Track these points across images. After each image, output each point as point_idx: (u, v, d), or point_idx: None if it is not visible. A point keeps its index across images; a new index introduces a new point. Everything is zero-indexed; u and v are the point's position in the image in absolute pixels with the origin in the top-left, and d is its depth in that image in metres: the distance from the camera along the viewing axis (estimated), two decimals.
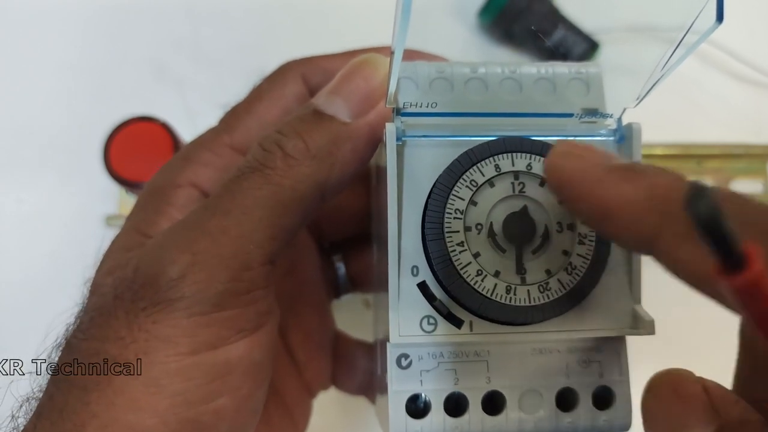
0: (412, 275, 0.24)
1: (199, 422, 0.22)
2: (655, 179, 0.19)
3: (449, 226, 0.23)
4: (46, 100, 0.47)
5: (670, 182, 0.19)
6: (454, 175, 0.24)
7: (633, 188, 0.19)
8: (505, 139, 0.24)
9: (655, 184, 0.19)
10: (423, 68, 0.25)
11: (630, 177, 0.19)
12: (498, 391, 0.24)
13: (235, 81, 0.29)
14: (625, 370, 0.25)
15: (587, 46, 0.46)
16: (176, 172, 0.27)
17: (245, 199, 0.23)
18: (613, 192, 0.19)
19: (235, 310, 0.23)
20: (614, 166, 0.20)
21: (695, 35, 0.21)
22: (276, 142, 0.24)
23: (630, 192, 0.19)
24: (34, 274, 0.43)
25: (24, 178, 0.45)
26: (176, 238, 0.23)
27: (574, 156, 0.21)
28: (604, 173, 0.20)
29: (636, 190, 0.19)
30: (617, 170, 0.20)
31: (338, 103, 0.25)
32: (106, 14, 0.48)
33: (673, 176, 0.19)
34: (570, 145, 0.21)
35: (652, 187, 0.19)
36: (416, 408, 0.24)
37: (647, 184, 0.19)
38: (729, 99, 0.49)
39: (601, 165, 0.20)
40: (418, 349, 0.24)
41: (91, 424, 0.21)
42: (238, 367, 0.23)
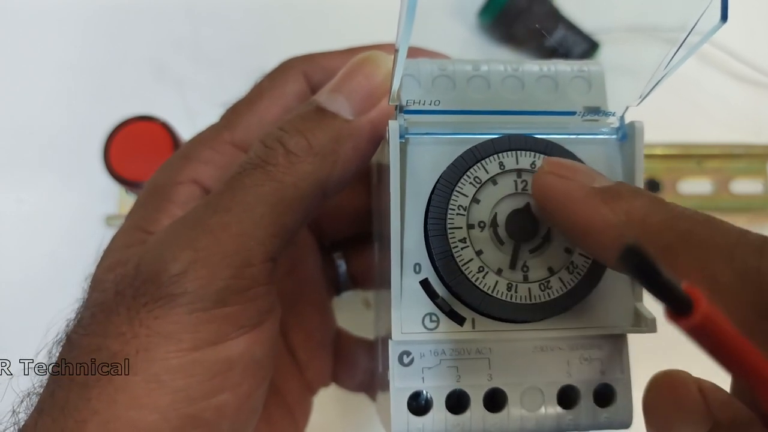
0: (414, 273, 0.24)
1: (200, 418, 0.22)
2: (632, 203, 0.20)
3: (452, 222, 0.23)
4: (46, 100, 0.47)
5: (647, 206, 0.20)
6: (458, 171, 0.24)
7: (611, 211, 0.20)
8: (509, 136, 0.24)
9: (633, 208, 0.20)
10: (425, 66, 0.25)
11: (609, 200, 0.20)
12: (500, 388, 0.24)
13: (235, 81, 0.29)
14: (626, 368, 0.25)
15: (587, 46, 0.46)
16: (177, 170, 0.27)
17: (247, 196, 0.23)
18: (593, 213, 0.21)
19: (236, 306, 0.23)
20: (596, 188, 0.21)
21: (698, 35, 0.21)
22: (278, 139, 0.24)
23: (609, 214, 0.20)
24: (34, 274, 0.43)
25: (24, 178, 0.45)
26: (178, 234, 0.23)
27: (558, 176, 0.22)
28: (585, 195, 0.21)
29: (614, 213, 0.20)
30: (598, 193, 0.21)
31: (340, 100, 0.25)
32: (106, 14, 0.48)
33: (650, 200, 0.20)
34: (555, 165, 0.22)
35: (630, 211, 0.20)
36: (418, 405, 0.24)
37: (625, 207, 0.20)
38: (729, 99, 0.49)
39: (583, 186, 0.21)
40: (420, 346, 0.24)
41: (92, 421, 0.21)
42: (239, 363, 0.23)
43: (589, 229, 0.21)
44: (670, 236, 0.19)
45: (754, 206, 0.46)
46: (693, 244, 0.19)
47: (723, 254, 0.18)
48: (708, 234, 0.19)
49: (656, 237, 0.19)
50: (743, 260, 0.18)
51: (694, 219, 0.19)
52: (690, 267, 0.18)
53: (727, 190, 0.46)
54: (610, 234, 0.20)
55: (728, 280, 0.18)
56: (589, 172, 0.22)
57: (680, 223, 0.19)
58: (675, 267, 0.18)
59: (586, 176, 0.22)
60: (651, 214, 0.20)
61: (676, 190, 0.46)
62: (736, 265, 0.18)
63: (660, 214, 0.20)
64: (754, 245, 0.18)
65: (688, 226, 0.19)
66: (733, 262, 0.18)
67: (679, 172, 0.46)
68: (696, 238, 0.19)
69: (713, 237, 0.19)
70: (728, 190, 0.46)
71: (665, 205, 0.20)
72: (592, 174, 0.22)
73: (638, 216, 0.20)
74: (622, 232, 0.20)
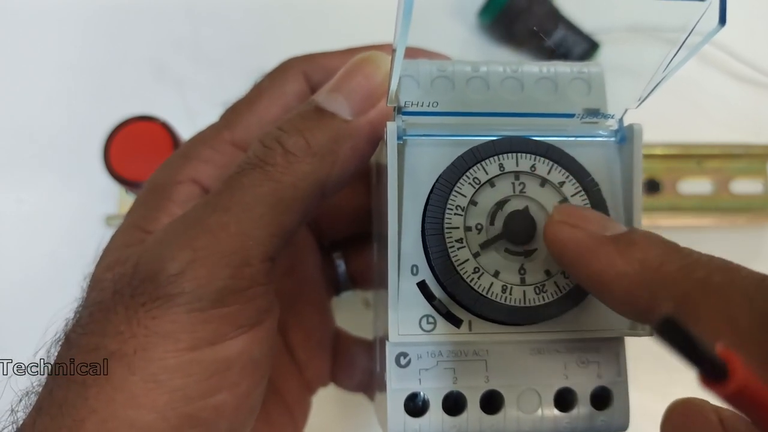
0: (411, 274, 0.24)
1: (198, 418, 0.22)
2: (646, 252, 0.20)
3: (449, 222, 0.23)
4: (46, 100, 0.47)
5: (662, 254, 0.20)
6: (457, 171, 0.24)
7: (625, 261, 0.20)
8: (511, 138, 0.24)
9: (647, 256, 0.20)
10: (424, 67, 0.25)
11: (623, 249, 0.20)
12: (496, 390, 0.24)
13: (235, 81, 0.29)
14: (623, 371, 0.25)
15: (587, 46, 0.46)
16: (176, 169, 0.27)
17: (245, 196, 0.23)
18: (606, 265, 0.20)
19: (234, 306, 0.23)
20: (608, 237, 0.21)
21: (698, 37, 0.21)
22: (277, 139, 0.24)
23: (622, 266, 0.20)
24: (34, 274, 0.43)
25: (24, 178, 0.45)
26: (176, 234, 0.23)
27: (569, 225, 0.21)
28: (598, 245, 0.20)
29: (629, 264, 0.20)
30: (611, 241, 0.20)
31: (339, 100, 0.25)
32: (106, 14, 0.48)
33: (665, 247, 0.20)
34: (566, 213, 0.22)
35: (644, 260, 0.20)
36: (415, 406, 0.24)
37: (639, 256, 0.20)
38: (729, 99, 0.49)
39: (595, 235, 0.21)
40: (417, 348, 0.24)
41: (90, 420, 0.21)
42: (237, 363, 0.23)
43: (603, 281, 0.20)
44: (687, 285, 0.19)
45: (754, 206, 0.46)
46: (711, 291, 0.18)
47: (742, 299, 0.17)
48: (726, 280, 0.18)
49: (673, 286, 0.19)
50: (765, 308, 0.17)
51: (711, 265, 0.19)
52: (710, 315, 0.18)
53: (727, 190, 0.46)
54: (624, 284, 0.20)
55: (749, 324, 0.17)
56: (600, 219, 0.22)
57: (697, 270, 0.19)
58: (695, 316, 0.18)
59: (598, 224, 0.21)
60: (666, 262, 0.19)
61: (676, 190, 0.45)
62: (756, 309, 0.17)
63: (675, 261, 0.19)
64: None
65: (705, 273, 0.19)
66: (753, 306, 0.17)
67: (679, 172, 0.46)
68: (714, 284, 0.18)
69: (732, 282, 0.18)
70: (728, 190, 0.46)
71: (680, 252, 0.20)
72: (604, 221, 0.22)
73: (653, 265, 0.19)
74: (637, 284, 0.19)
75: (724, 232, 0.46)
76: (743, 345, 0.17)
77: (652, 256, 0.20)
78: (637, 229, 0.21)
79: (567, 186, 0.24)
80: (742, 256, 0.19)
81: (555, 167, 0.24)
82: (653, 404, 0.23)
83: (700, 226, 0.45)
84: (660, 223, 0.44)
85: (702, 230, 0.45)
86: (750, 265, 0.19)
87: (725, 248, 0.48)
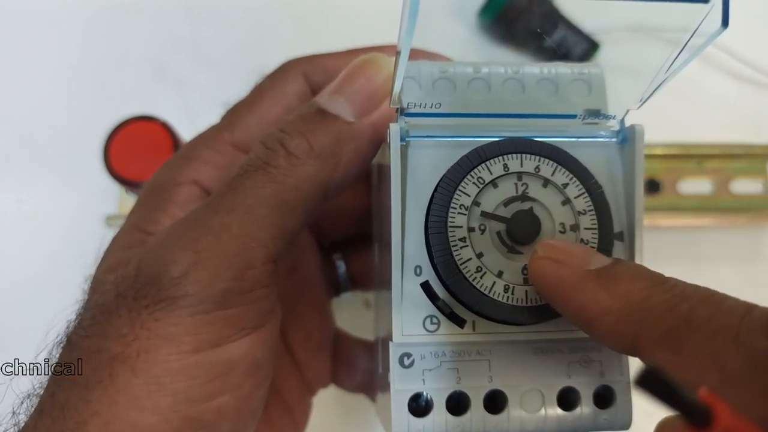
0: (415, 275, 0.24)
1: (200, 420, 0.22)
2: (630, 286, 0.19)
3: (452, 221, 0.23)
4: (46, 100, 0.47)
5: (646, 288, 0.19)
6: (462, 170, 0.24)
7: (609, 297, 0.19)
8: (515, 139, 0.24)
9: (630, 291, 0.19)
10: (426, 68, 0.25)
11: (606, 284, 0.20)
12: (500, 390, 0.24)
13: (235, 81, 0.29)
14: (625, 370, 0.25)
15: (587, 46, 0.46)
16: (177, 170, 0.27)
17: (248, 198, 0.23)
18: (590, 302, 0.20)
19: (237, 308, 0.23)
20: (592, 272, 0.20)
21: (700, 39, 0.21)
22: (279, 141, 0.24)
23: (607, 301, 0.19)
24: (34, 274, 0.43)
25: (24, 178, 0.45)
26: (179, 236, 0.23)
27: (553, 261, 0.21)
28: (581, 281, 0.20)
29: (612, 299, 0.19)
30: (594, 277, 0.20)
31: (341, 102, 0.25)
32: (106, 14, 0.48)
33: (650, 281, 0.19)
34: (549, 249, 0.22)
35: (628, 296, 0.19)
36: (418, 407, 0.24)
37: (622, 291, 0.19)
38: (729, 99, 0.49)
39: (578, 271, 0.20)
40: (421, 348, 0.24)
41: (92, 422, 0.21)
42: (239, 365, 0.23)
43: (588, 317, 0.20)
44: (671, 320, 0.18)
45: (754, 206, 0.46)
46: (695, 328, 0.18)
47: (728, 338, 0.17)
48: (710, 315, 0.18)
49: (657, 322, 0.18)
50: (750, 343, 0.17)
51: (695, 298, 0.18)
52: (696, 353, 0.17)
53: (727, 190, 0.46)
54: (609, 321, 0.19)
55: (737, 366, 0.17)
56: (584, 253, 0.21)
57: (681, 305, 0.18)
58: (681, 354, 0.18)
59: (582, 259, 0.21)
60: (650, 296, 0.19)
61: (676, 190, 0.46)
62: (743, 350, 0.17)
63: (659, 295, 0.19)
64: (759, 324, 0.17)
65: (689, 307, 0.18)
66: (739, 346, 0.17)
67: (679, 172, 0.46)
68: (698, 319, 0.18)
69: (716, 318, 0.18)
70: (728, 190, 0.46)
71: (664, 285, 0.19)
72: (588, 255, 0.21)
73: (637, 300, 0.19)
74: (621, 319, 0.19)
75: (724, 232, 0.46)
76: (730, 383, 0.17)
77: (635, 290, 0.19)
78: (621, 262, 0.21)
79: (570, 188, 0.24)
80: (742, 256, 0.19)
81: (559, 169, 0.24)
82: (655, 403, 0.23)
83: (700, 226, 0.45)
84: (660, 223, 0.44)
85: (702, 230, 0.46)
86: (750, 265, 0.19)
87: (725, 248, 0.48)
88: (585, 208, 0.24)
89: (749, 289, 0.21)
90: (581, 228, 0.24)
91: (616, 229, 0.25)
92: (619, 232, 0.25)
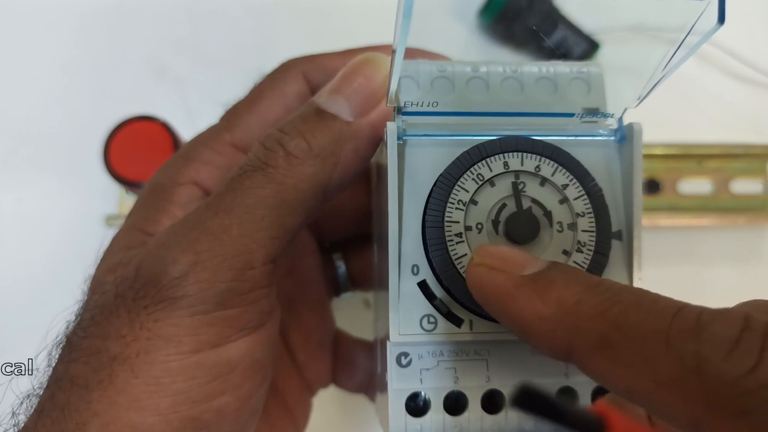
0: (412, 274, 0.24)
1: (200, 420, 0.22)
2: (563, 291, 0.19)
3: (450, 216, 0.23)
4: (46, 100, 0.47)
5: (579, 293, 0.19)
6: (461, 166, 0.24)
7: (543, 303, 0.19)
8: (517, 138, 0.24)
9: (563, 296, 0.19)
10: (424, 67, 0.25)
11: (540, 290, 0.19)
12: (497, 389, 0.24)
13: (235, 81, 0.29)
14: None
15: (587, 46, 0.46)
16: (177, 170, 0.27)
17: (247, 198, 0.23)
18: (524, 308, 0.19)
19: (237, 308, 0.23)
20: (526, 277, 0.20)
21: (697, 36, 0.21)
22: (278, 141, 0.24)
23: (540, 308, 0.19)
24: (34, 275, 0.43)
25: (24, 178, 0.45)
26: (178, 236, 0.23)
27: (488, 267, 0.21)
28: (515, 288, 0.20)
29: (545, 306, 0.19)
30: (529, 283, 0.20)
31: (340, 102, 0.25)
32: (106, 14, 0.48)
33: (584, 285, 0.19)
34: (485, 255, 0.21)
35: (561, 301, 0.19)
36: (416, 406, 0.24)
37: (556, 296, 0.19)
38: (729, 99, 0.49)
39: (512, 278, 0.20)
40: (418, 347, 0.24)
41: (92, 423, 0.21)
42: (239, 365, 0.23)
43: (524, 326, 0.19)
44: (603, 324, 0.18)
45: (754, 206, 0.46)
46: (627, 332, 0.17)
47: (659, 341, 0.16)
48: (640, 318, 0.17)
49: (590, 326, 0.18)
50: (680, 347, 0.16)
51: (626, 301, 0.18)
52: (629, 359, 0.17)
53: (727, 190, 0.46)
54: (543, 327, 0.19)
55: (670, 371, 0.16)
56: (520, 258, 0.21)
57: (613, 308, 0.18)
58: (615, 360, 0.17)
59: (517, 265, 0.20)
60: (583, 301, 0.18)
61: (676, 190, 0.45)
62: (673, 353, 0.16)
63: (592, 300, 0.18)
64: (688, 325, 0.16)
65: (620, 310, 0.18)
66: (669, 350, 0.16)
67: (679, 172, 0.46)
68: (629, 324, 0.17)
69: (646, 321, 0.17)
70: (728, 190, 0.46)
71: (598, 288, 0.19)
72: (524, 260, 0.21)
73: (569, 305, 0.18)
74: (554, 326, 0.19)
75: (724, 232, 0.46)
76: (663, 389, 0.16)
77: (568, 295, 0.19)
78: (556, 265, 0.20)
79: (570, 188, 0.24)
80: (742, 256, 0.19)
81: (559, 169, 0.24)
82: None
83: (700, 226, 0.45)
84: (660, 223, 0.44)
85: (702, 230, 0.46)
86: (750, 265, 0.18)
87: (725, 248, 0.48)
88: (584, 210, 0.24)
89: (749, 289, 0.21)
90: (579, 229, 0.24)
91: (615, 228, 0.25)
92: (617, 231, 0.25)
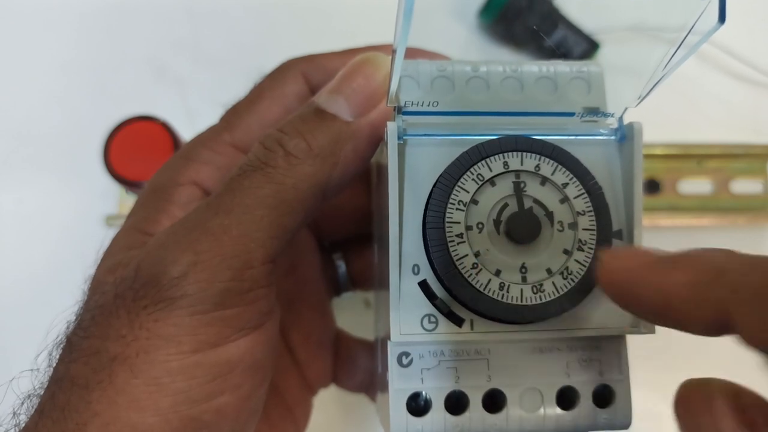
0: (413, 274, 0.24)
1: (200, 420, 0.22)
2: (701, 257, 0.19)
3: (450, 217, 0.23)
4: (46, 100, 0.47)
5: (716, 256, 0.18)
6: (461, 166, 0.24)
7: (683, 273, 0.19)
8: (516, 137, 0.24)
9: (702, 261, 0.19)
10: (424, 67, 0.25)
11: (677, 262, 0.19)
12: (499, 389, 0.24)
13: (235, 81, 0.29)
14: (625, 369, 0.25)
15: (587, 46, 0.46)
16: (177, 171, 0.27)
17: (247, 198, 0.23)
18: (665, 280, 0.19)
19: (236, 308, 0.23)
20: (659, 257, 0.20)
21: (697, 36, 0.21)
22: (278, 141, 0.24)
23: (682, 276, 0.19)
24: (34, 275, 0.43)
25: (24, 178, 0.45)
26: (178, 237, 0.23)
27: (619, 258, 0.21)
28: (651, 267, 0.20)
29: (687, 273, 0.19)
30: (662, 260, 0.19)
31: (340, 102, 0.25)
32: (106, 14, 0.48)
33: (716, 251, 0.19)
34: (614, 250, 0.22)
35: (702, 264, 0.18)
36: (417, 406, 0.24)
37: (695, 262, 0.19)
38: (729, 99, 0.49)
39: (646, 260, 0.20)
40: (419, 347, 0.24)
41: (93, 423, 0.21)
42: (239, 365, 0.23)
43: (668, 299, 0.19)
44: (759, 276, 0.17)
45: (754, 206, 0.46)
46: None
47: None
48: None
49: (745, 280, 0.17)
50: None
51: None
52: None
53: (727, 190, 0.46)
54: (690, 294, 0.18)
55: None
56: (646, 250, 0.21)
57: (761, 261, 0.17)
58: None
59: (646, 252, 0.20)
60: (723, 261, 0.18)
61: (676, 189, 0.46)
62: None
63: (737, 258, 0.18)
64: None
65: None
66: None
67: (679, 172, 0.46)
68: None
69: None
70: (728, 190, 0.46)
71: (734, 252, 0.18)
72: (651, 251, 0.21)
73: (719, 263, 0.18)
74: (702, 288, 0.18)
75: (724, 232, 0.46)
76: None
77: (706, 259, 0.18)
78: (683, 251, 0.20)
79: (570, 188, 0.24)
80: None
81: (559, 168, 0.24)
82: (655, 401, 0.23)
83: (700, 226, 0.45)
84: (660, 223, 0.44)
85: (702, 230, 0.45)
86: None
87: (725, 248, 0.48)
88: (584, 208, 0.24)
89: None
90: (579, 228, 0.24)
91: (615, 227, 0.25)
92: (618, 230, 0.25)
